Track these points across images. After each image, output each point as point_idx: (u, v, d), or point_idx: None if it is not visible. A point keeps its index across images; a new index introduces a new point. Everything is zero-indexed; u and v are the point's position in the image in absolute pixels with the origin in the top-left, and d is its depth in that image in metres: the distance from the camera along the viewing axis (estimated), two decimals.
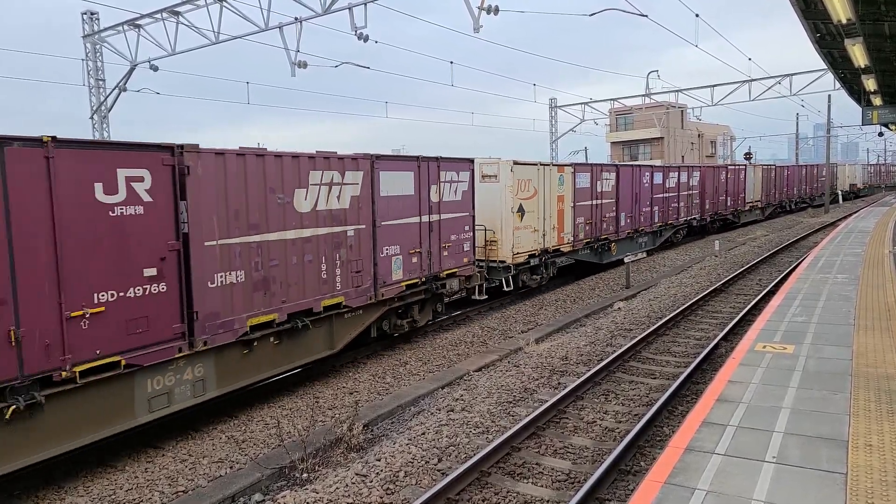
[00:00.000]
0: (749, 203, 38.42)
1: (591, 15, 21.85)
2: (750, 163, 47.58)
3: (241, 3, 19.21)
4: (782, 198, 45.67)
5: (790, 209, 47.69)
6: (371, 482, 6.85)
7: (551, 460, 7.36)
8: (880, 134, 43.80)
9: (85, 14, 22.44)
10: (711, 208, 32.53)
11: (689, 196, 29.82)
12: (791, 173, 47.86)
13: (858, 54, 14.51)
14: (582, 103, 39.32)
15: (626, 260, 19.54)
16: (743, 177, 37.23)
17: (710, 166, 34.15)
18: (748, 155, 56.14)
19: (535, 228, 17.89)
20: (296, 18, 18.83)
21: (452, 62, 26.97)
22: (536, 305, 16.80)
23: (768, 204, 42.47)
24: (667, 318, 13.33)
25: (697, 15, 22.48)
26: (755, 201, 39.70)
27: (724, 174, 34.32)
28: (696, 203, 30.78)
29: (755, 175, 39.56)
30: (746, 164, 39.97)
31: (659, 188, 26.51)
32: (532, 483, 6.88)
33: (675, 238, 29.40)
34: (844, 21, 11.39)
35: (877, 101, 23.66)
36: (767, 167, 42.73)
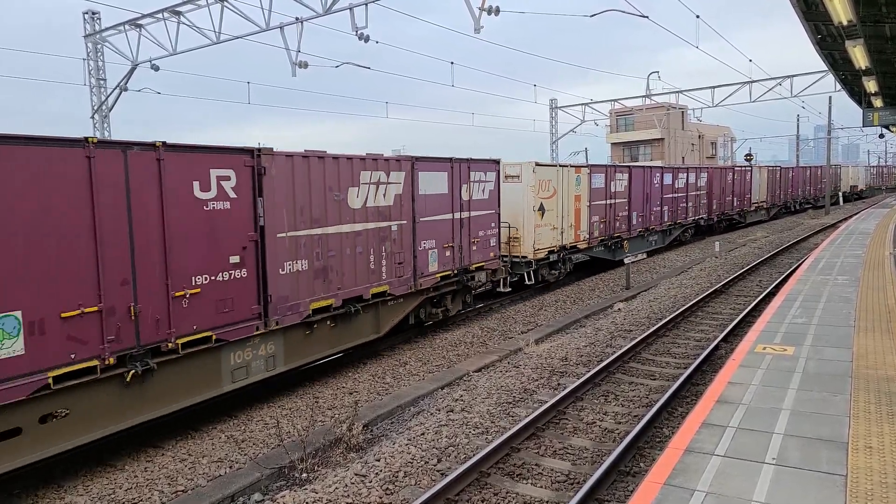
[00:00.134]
0: (755, 203, 39.20)
1: (592, 16, 21.86)
2: (751, 164, 47.66)
3: (242, 3, 19.23)
4: (787, 198, 46.48)
5: (795, 210, 48.36)
6: (370, 482, 6.85)
7: (551, 461, 7.35)
8: (881, 136, 43.81)
9: (86, 14, 22.45)
10: (718, 208, 33.32)
11: (697, 196, 30.58)
12: (796, 174, 48.68)
13: (859, 56, 14.50)
14: (582, 104, 39.33)
15: (626, 261, 19.53)
16: (749, 178, 37.98)
17: (718, 167, 34.93)
18: (749, 156, 56.06)
19: (555, 226, 18.80)
20: (297, 19, 18.84)
21: (453, 63, 26.98)
22: (536, 306, 16.79)
23: (773, 204, 43.20)
24: (667, 320, 13.32)
25: (698, 16, 22.49)
26: (760, 202, 40.42)
27: (731, 175, 35.10)
28: (704, 203, 31.56)
29: (760, 176, 40.26)
30: (752, 166, 40.64)
31: (668, 188, 27.22)
32: (531, 484, 6.87)
33: (684, 237, 30.09)
34: (845, 22, 11.39)
35: (877, 103, 23.64)
36: (772, 168, 43.51)
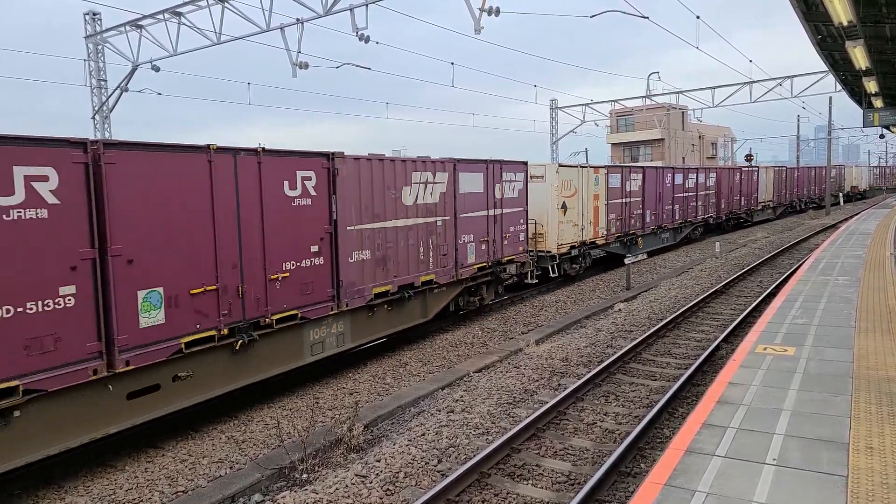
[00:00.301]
0: (761, 203, 40.35)
1: (592, 16, 21.86)
2: (751, 164, 47.79)
3: (243, 4, 19.23)
4: (792, 198, 47.56)
5: (800, 209, 49.32)
6: (371, 483, 6.85)
7: (551, 462, 7.35)
8: (881, 136, 43.76)
9: (87, 15, 22.45)
10: (727, 207, 34.45)
11: (707, 196, 31.73)
12: (801, 175, 49.81)
13: (859, 56, 14.49)
14: (582, 104, 39.27)
15: (627, 261, 19.53)
16: (756, 178, 39.14)
17: (726, 168, 36.14)
18: (749, 157, 56.03)
19: (576, 223, 20.09)
20: (297, 19, 18.83)
21: (453, 63, 26.98)
22: (537, 307, 16.79)
23: (779, 204, 44.30)
24: (667, 320, 13.32)
25: (698, 17, 22.48)
26: (767, 201, 41.53)
27: (739, 175, 36.26)
28: (713, 202, 32.76)
29: (767, 176, 41.36)
30: (759, 167, 41.67)
31: (679, 188, 28.30)
32: (532, 484, 6.87)
33: (694, 234, 31.17)
34: (845, 23, 11.38)
35: (878, 104, 23.63)
36: (778, 169, 44.62)
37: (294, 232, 9.84)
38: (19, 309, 6.61)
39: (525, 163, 16.71)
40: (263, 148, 9.24)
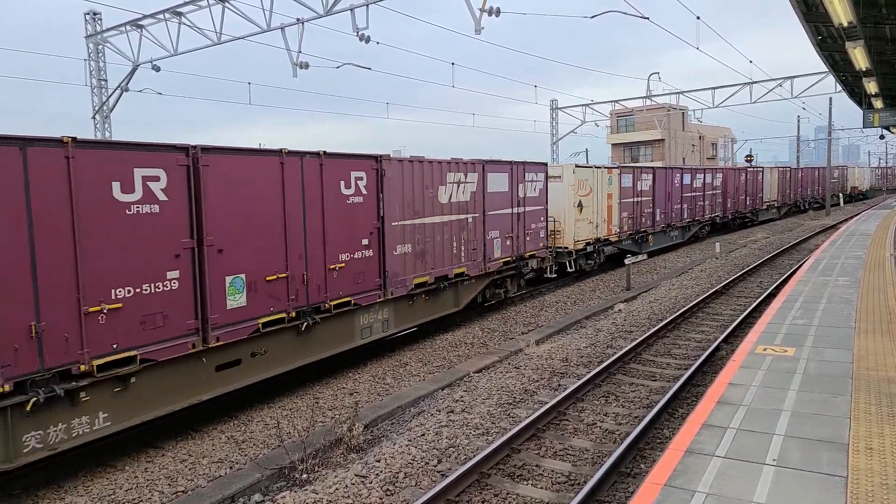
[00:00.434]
0: (766, 202, 41.34)
1: (593, 17, 21.86)
2: (751, 165, 47.90)
3: (243, 4, 19.23)
4: (797, 198, 48.48)
5: (804, 208, 50.18)
6: (371, 483, 6.85)
7: (551, 462, 7.35)
8: (881, 137, 43.79)
9: (88, 14, 22.45)
10: (732, 207, 35.43)
11: (714, 195, 32.66)
12: (805, 175, 50.64)
13: (859, 57, 14.49)
14: (583, 105, 39.26)
15: (627, 261, 19.54)
16: (761, 178, 40.09)
17: (732, 168, 37.10)
18: (749, 157, 56.05)
19: (591, 220, 20.98)
20: (297, 19, 18.84)
21: (454, 63, 26.98)
22: (537, 307, 16.79)
23: (784, 203, 45.18)
24: (667, 321, 13.32)
25: (699, 17, 22.48)
26: (772, 201, 42.46)
27: (744, 176, 37.21)
28: (720, 202, 33.71)
29: (772, 177, 42.32)
30: (763, 167, 42.54)
31: (687, 188, 29.15)
32: (532, 485, 6.87)
33: (701, 233, 31.98)
34: (845, 24, 11.38)
35: (878, 104, 23.62)
36: (783, 169, 45.48)
37: (348, 227, 10.99)
38: (137, 290, 7.77)
39: (545, 164, 17.82)
40: (325, 151, 10.38)
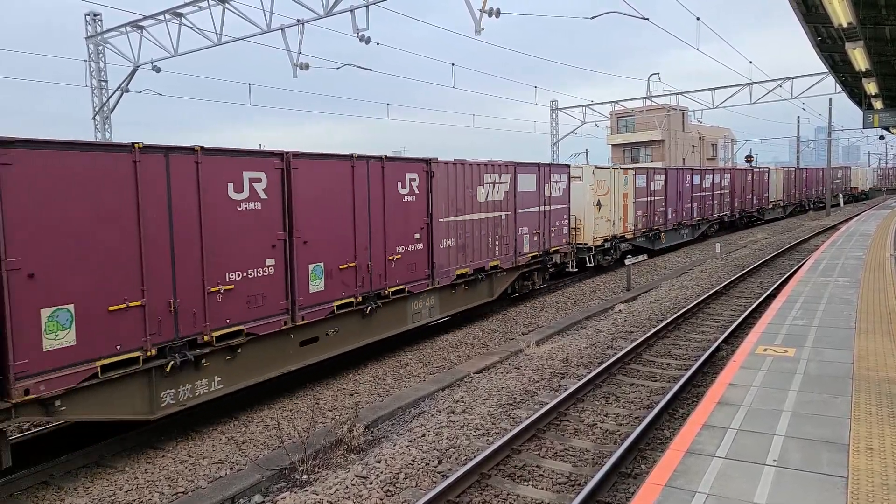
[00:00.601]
0: (772, 202, 42.52)
1: (593, 18, 21.87)
2: (751, 165, 48.04)
3: (244, 5, 19.24)
4: (801, 197, 49.70)
5: (808, 208, 51.20)
6: (371, 484, 6.85)
7: (552, 463, 7.35)
8: (881, 137, 43.81)
9: (88, 15, 22.46)
10: (740, 206, 36.57)
11: (722, 195, 33.74)
12: (809, 175, 51.85)
13: (859, 58, 14.50)
14: (583, 105, 39.26)
15: (627, 262, 19.55)
16: (767, 178, 41.31)
17: (739, 168, 38.42)
18: (749, 158, 56.04)
19: (608, 219, 22.15)
20: (298, 20, 18.84)
21: (454, 64, 26.98)
22: (537, 307, 16.80)
23: (789, 203, 46.32)
24: (668, 321, 13.32)
25: (698, 18, 22.49)
26: (777, 200, 43.61)
27: (751, 176, 38.37)
28: (728, 201, 34.75)
29: (777, 177, 43.51)
30: (769, 168, 43.70)
31: (697, 188, 30.45)
32: (532, 485, 6.87)
33: (710, 231, 32.91)
34: (845, 25, 11.38)
35: (878, 105, 23.62)
36: (788, 170, 46.57)
37: (404, 222, 12.34)
38: (244, 274, 9.14)
39: (568, 165, 19.56)
40: (386, 156, 11.84)
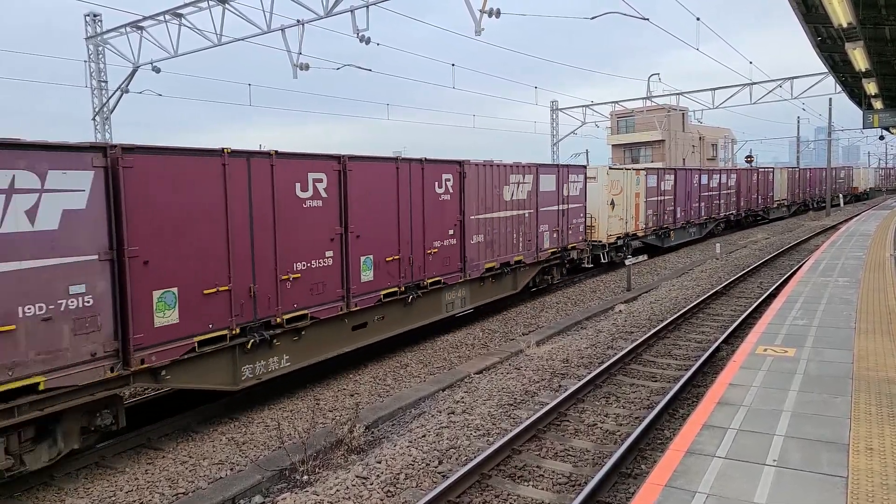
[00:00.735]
0: (777, 201, 43.34)
1: (593, 18, 21.88)
2: (751, 166, 48.14)
3: (243, 6, 19.25)
4: (805, 197, 50.56)
5: (812, 207, 51.83)
6: (371, 484, 6.85)
7: (552, 463, 7.35)
8: (881, 137, 43.84)
9: (88, 16, 22.47)
10: (745, 205, 37.44)
11: (728, 195, 34.61)
12: (813, 175, 52.68)
13: (859, 58, 14.50)
14: (583, 106, 39.25)
15: (628, 262, 19.55)
16: (771, 178, 42.12)
17: (745, 169, 39.27)
18: (749, 158, 56.05)
19: (621, 217, 23.05)
20: (298, 21, 18.85)
21: (454, 64, 27.00)
22: (537, 308, 16.80)
23: (793, 202, 47.14)
24: (668, 321, 13.32)
25: (698, 18, 22.51)
26: (782, 199, 44.45)
27: (756, 176, 39.23)
28: (734, 201, 35.63)
29: (782, 177, 44.34)
30: (774, 168, 44.37)
31: (705, 188, 31.33)
32: (533, 486, 6.87)
33: (716, 230, 33.90)
34: (845, 25, 11.38)
35: (878, 105, 23.62)
36: (792, 170, 47.40)
37: (440, 219, 13.36)
38: (308, 264, 10.13)
39: (585, 166, 20.56)
40: (425, 158, 12.85)
